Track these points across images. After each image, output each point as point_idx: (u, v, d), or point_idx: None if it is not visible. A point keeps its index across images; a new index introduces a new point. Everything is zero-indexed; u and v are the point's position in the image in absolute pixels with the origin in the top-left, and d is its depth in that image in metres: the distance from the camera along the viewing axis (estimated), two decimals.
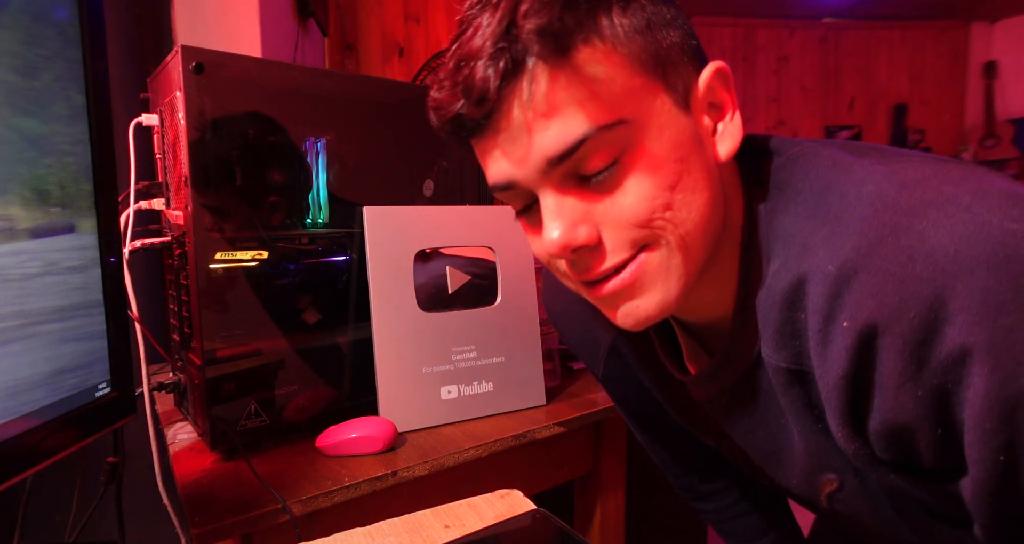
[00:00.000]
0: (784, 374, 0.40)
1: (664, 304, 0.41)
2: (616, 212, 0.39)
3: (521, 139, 0.38)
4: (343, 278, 0.76)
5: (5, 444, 0.41)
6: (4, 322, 0.42)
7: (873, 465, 0.39)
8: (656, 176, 0.38)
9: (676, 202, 0.38)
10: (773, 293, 0.40)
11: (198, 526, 0.54)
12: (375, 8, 2.10)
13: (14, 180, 0.43)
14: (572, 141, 0.37)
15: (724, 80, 0.42)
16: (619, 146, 0.38)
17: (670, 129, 0.39)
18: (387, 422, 0.69)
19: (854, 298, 0.34)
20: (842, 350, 0.34)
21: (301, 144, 0.73)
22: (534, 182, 0.39)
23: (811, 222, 0.38)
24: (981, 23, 3.87)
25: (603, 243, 0.40)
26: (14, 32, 0.43)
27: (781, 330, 0.39)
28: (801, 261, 0.37)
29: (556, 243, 0.39)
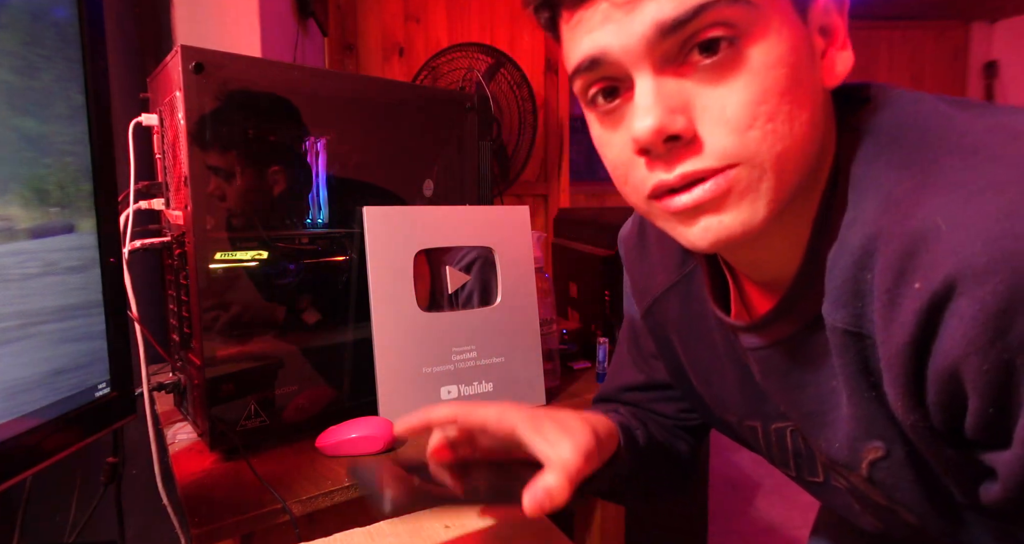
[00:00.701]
0: (841, 335, 0.38)
1: (749, 225, 0.37)
2: (719, 108, 0.35)
3: (633, 4, 0.34)
4: (343, 278, 0.76)
5: (5, 444, 0.41)
6: (4, 322, 0.42)
7: (930, 437, 0.36)
8: (768, 76, 0.34)
9: (782, 113, 0.35)
10: (844, 247, 0.37)
11: (198, 526, 0.54)
12: (375, 8, 2.10)
13: (14, 180, 0.43)
14: (689, 8, 0.33)
15: (840, 5, 0.38)
16: (737, 27, 0.34)
17: (790, 30, 0.35)
18: (387, 422, 0.69)
19: (931, 257, 0.31)
20: (910, 313, 0.32)
21: (301, 144, 0.73)
22: (634, 56, 0.35)
23: (898, 172, 0.35)
24: (981, 23, 3.87)
25: (699, 139, 0.35)
26: (14, 32, 0.43)
27: (844, 287, 0.37)
28: (881, 214, 0.35)
29: (650, 127, 0.34)
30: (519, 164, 1.72)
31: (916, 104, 0.38)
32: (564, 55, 0.40)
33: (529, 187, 2.23)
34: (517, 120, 1.66)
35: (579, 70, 0.37)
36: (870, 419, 0.40)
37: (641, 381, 0.62)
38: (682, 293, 0.54)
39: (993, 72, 3.83)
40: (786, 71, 0.35)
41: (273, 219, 0.71)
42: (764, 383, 0.48)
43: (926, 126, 0.36)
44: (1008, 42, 3.81)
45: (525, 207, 0.84)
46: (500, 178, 1.72)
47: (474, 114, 0.88)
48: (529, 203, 1.99)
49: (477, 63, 1.64)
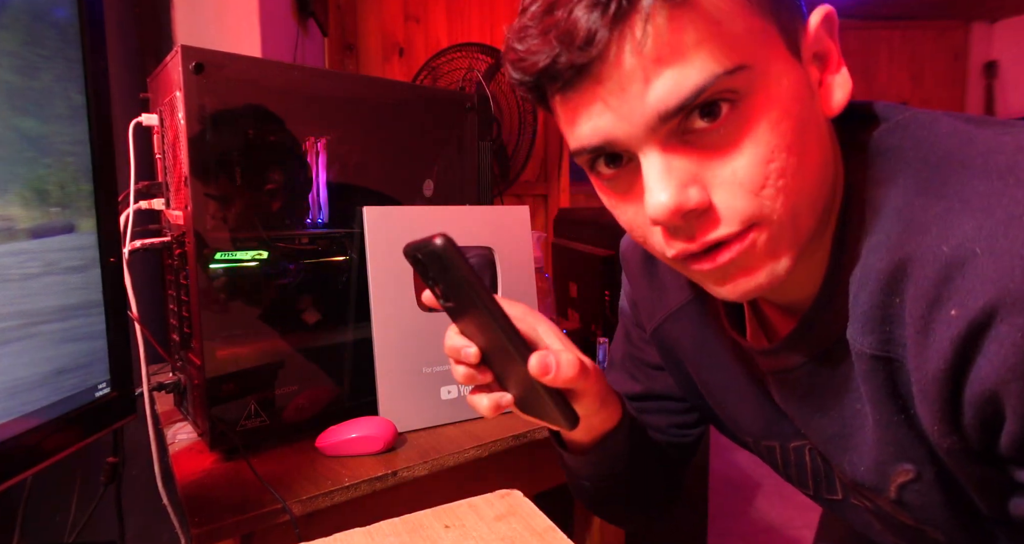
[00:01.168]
0: (869, 361, 0.37)
1: (775, 277, 0.37)
2: (730, 173, 0.35)
3: (631, 89, 0.33)
4: (343, 278, 0.76)
5: (5, 444, 0.41)
6: (4, 322, 0.42)
7: (964, 459, 0.36)
8: (773, 133, 0.34)
9: (791, 167, 0.35)
10: (869, 272, 0.36)
11: (198, 526, 0.54)
12: (375, 8, 2.10)
13: (14, 180, 0.43)
14: (692, 90, 0.33)
15: (830, 28, 0.38)
16: (738, 94, 0.34)
17: (787, 78, 0.35)
18: (387, 422, 0.69)
19: (968, 283, 0.31)
20: (946, 340, 0.32)
21: (301, 144, 0.73)
22: (638, 139, 0.35)
23: (923, 197, 0.34)
24: (981, 23, 3.87)
25: (714, 207, 0.35)
26: (14, 32, 0.43)
27: (872, 314, 0.36)
28: (907, 239, 0.34)
29: (666, 207, 0.34)
30: (519, 164, 1.72)
31: (934, 123, 0.38)
32: (560, 127, 0.39)
33: (529, 187, 2.23)
34: (517, 120, 1.66)
35: (584, 151, 0.37)
36: (899, 443, 0.40)
37: (637, 391, 0.61)
38: (694, 313, 0.53)
39: (993, 72, 3.83)
40: (791, 122, 0.35)
41: (273, 219, 0.71)
42: (784, 406, 0.47)
43: (949, 147, 0.36)
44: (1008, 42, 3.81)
45: (525, 207, 0.84)
46: (500, 178, 1.72)
47: (474, 114, 0.88)
48: (529, 203, 1.99)
49: (477, 63, 1.64)
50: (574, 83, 0.35)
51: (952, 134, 0.36)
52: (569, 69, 0.34)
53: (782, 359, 0.44)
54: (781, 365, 0.44)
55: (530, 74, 0.35)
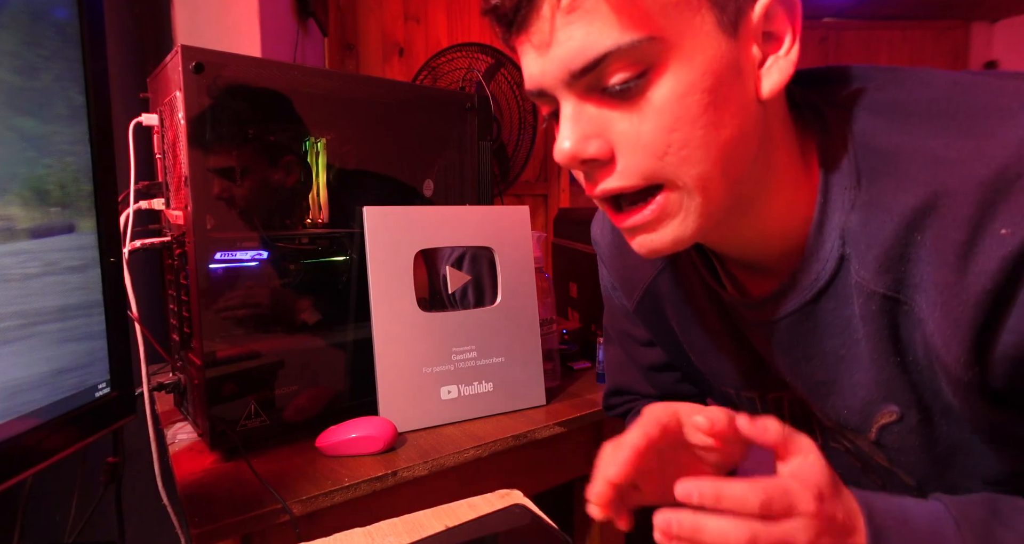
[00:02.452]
0: (879, 300, 0.38)
1: (678, 240, 0.40)
2: (632, 136, 0.37)
3: (548, 45, 0.37)
4: (343, 278, 0.76)
5: (5, 444, 0.41)
6: (4, 322, 0.42)
7: (978, 396, 0.36)
8: (677, 106, 0.36)
9: (695, 139, 0.37)
10: (887, 212, 0.37)
11: (198, 526, 0.54)
12: (375, 8, 2.10)
13: (14, 180, 0.43)
14: (595, 55, 0.35)
15: (788, 9, 0.39)
16: (645, 62, 0.36)
17: (705, 53, 0.36)
18: (387, 422, 0.69)
19: (1015, 204, 0.31)
20: (994, 260, 0.32)
21: (301, 144, 0.73)
22: (558, 89, 0.39)
23: (944, 138, 0.35)
24: (981, 23, 3.87)
25: (615, 161, 0.38)
26: (14, 32, 0.43)
27: (890, 253, 0.37)
28: (935, 175, 0.35)
29: (565, 152, 0.38)
30: (519, 164, 1.72)
31: (931, 78, 0.39)
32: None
33: (529, 187, 2.23)
34: (517, 120, 1.66)
35: (529, 94, 0.42)
36: (890, 384, 0.41)
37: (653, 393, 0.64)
38: (670, 277, 0.55)
39: None
40: (700, 97, 0.36)
41: (273, 219, 0.71)
42: (769, 356, 0.49)
43: (954, 94, 0.37)
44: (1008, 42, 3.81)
45: (525, 207, 0.84)
46: (500, 178, 1.72)
47: (474, 114, 0.88)
48: (529, 203, 1.99)
49: (477, 63, 1.64)
50: (515, 29, 0.39)
51: (954, 83, 0.38)
52: (504, 14, 0.38)
53: (769, 310, 0.46)
54: (768, 316, 0.46)
55: (485, 12, 0.39)
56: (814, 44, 3.88)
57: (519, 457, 0.76)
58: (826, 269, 0.42)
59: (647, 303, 0.58)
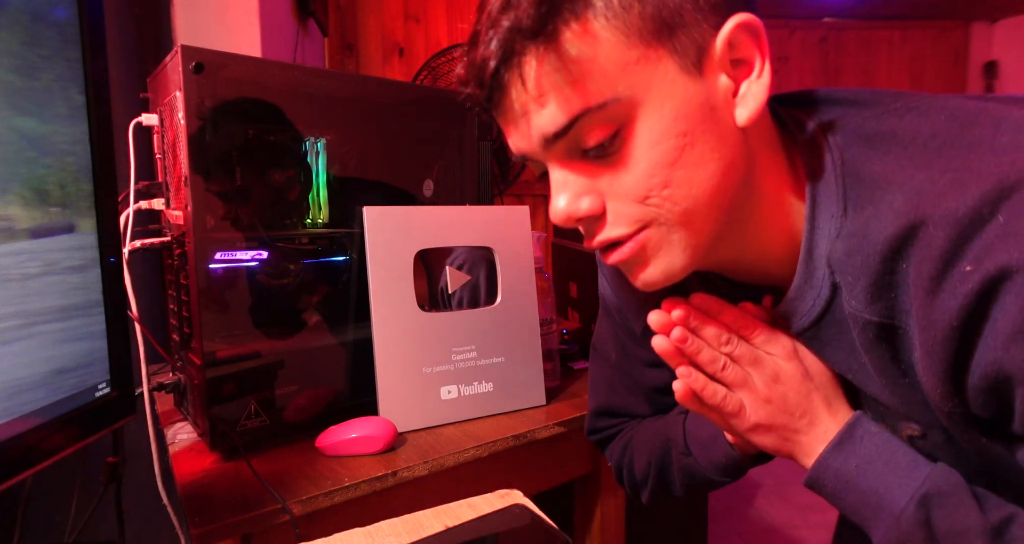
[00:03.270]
0: (873, 328, 0.39)
1: (669, 272, 0.42)
2: (617, 187, 0.40)
3: (522, 120, 0.40)
4: (343, 278, 0.76)
5: (5, 444, 0.41)
6: (4, 322, 0.42)
7: (965, 426, 0.37)
8: (654, 151, 0.38)
9: (676, 179, 0.39)
10: (870, 242, 0.37)
11: (198, 526, 0.54)
12: (375, 8, 2.10)
13: (14, 180, 0.43)
14: (564, 122, 0.38)
15: (752, 34, 0.39)
16: (615, 122, 0.38)
17: (672, 100, 0.38)
18: (387, 422, 0.69)
19: (985, 241, 0.32)
20: (959, 296, 0.32)
21: (301, 144, 0.73)
22: (540, 156, 0.41)
23: (928, 170, 0.36)
24: (981, 23, 3.87)
25: (607, 214, 0.41)
26: (14, 32, 0.43)
27: (878, 282, 0.37)
28: (916, 206, 0.35)
29: (560, 214, 0.41)
30: (519, 164, 1.72)
31: (929, 110, 0.39)
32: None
33: (529, 187, 2.23)
34: None
35: (518, 158, 0.45)
36: (906, 404, 0.41)
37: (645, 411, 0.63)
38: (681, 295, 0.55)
39: (993, 72, 3.83)
40: (672, 142, 0.38)
41: (273, 219, 0.71)
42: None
43: (947, 129, 0.38)
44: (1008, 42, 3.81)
45: (525, 207, 0.84)
46: (500, 178, 1.72)
47: (474, 114, 0.88)
48: (529, 203, 1.99)
49: None
50: (491, 106, 0.42)
51: (950, 118, 0.38)
52: (479, 101, 0.41)
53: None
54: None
55: (463, 96, 0.42)
56: (814, 44, 3.88)
57: (519, 457, 0.76)
58: (820, 297, 0.42)
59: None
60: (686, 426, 0.57)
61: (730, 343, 0.47)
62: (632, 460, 0.62)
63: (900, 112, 0.40)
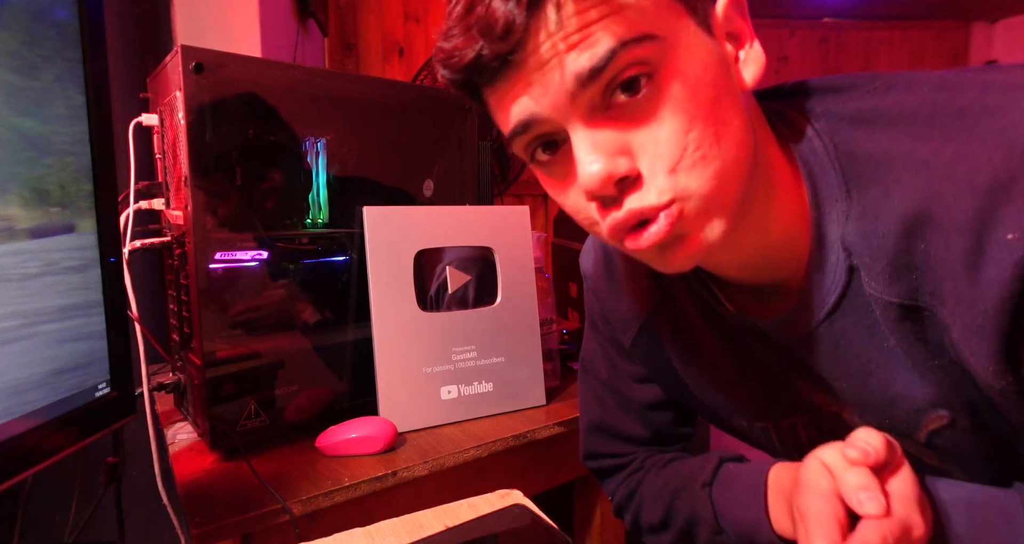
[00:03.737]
0: (896, 310, 0.37)
1: (712, 241, 0.38)
2: (653, 143, 0.36)
3: (548, 65, 0.35)
4: (343, 278, 0.76)
5: (5, 444, 0.41)
6: (4, 322, 0.42)
7: (1019, 402, 0.35)
8: (691, 103, 0.36)
9: (709, 135, 0.36)
10: (884, 222, 0.36)
11: (198, 526, 0.54)
12: (375, 8, 2.10)
13: (14, 180, 0.43)
14: (602, 55, 0.34)
15: (739, 8, 0.40)
16: (651, 64, 0.35)
17: (699, 50, 0.37)
18: (387, 422, 0.69)
19: (1017, 207, 0.30)
20: (1007, 267, 0.31)
21: (301, 144, 0.73)
22: (563, 111, 0.36)
23: (931, 142, 0.34)
24: (981, 23, 3.87)
25: (641, 176, 0.36)
26: (14, 32, 0.43)
27: (896, 263, 0.36)
28: (926, 182, 0.34)
29: (598, 175, 0.35)
30: (519, 164, 1.72)
31: (911, 85, 0.39)
32: (494, 119, 0.41)
33: (529, 187, 2.23)
34: None
35: (515, 133, 0.39)
36: (935, 389, 0.40)
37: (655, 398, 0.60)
38: (666, 312, 0.53)
39: None
40: (707, 91, 0.36)
41: (273, 219, 0.71)
42: (786, 377, 0.48)
43: (936, 100, 0.36)
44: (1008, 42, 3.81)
45: (525, 207, 0.84)
46: (500, 178, 1.72)
47: (474, 114, 0.88)
48: (529, 203, 2.00)
49: None
50: (500, 73, 0.36)
51: (937, 89, 0.37)
52: (494, 60, 0.35)
53: (789, 326, 0.44)
54: (790, 333, 0.45)
55: (458, 70, 0.37)
56: (814, 44, 3.88)
57: (519, 457, 0.76)
58: (836, 284, 0.40)
59: (644, 340, 0.56)
60: (715, 504, 0.53)
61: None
62: (640, 511, 0.59)
63: (880, 91, 0.39)
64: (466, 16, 0.36)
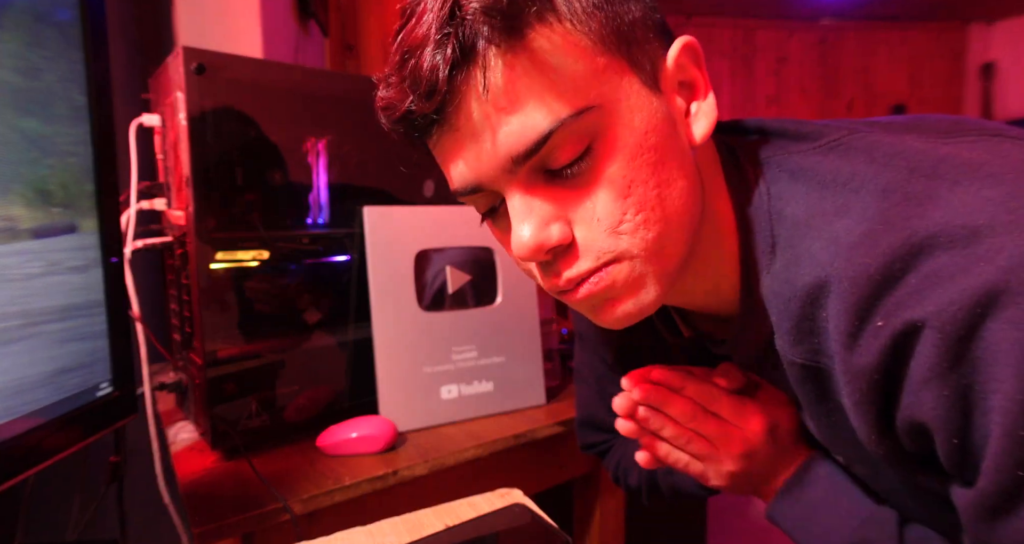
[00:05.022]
0: (799, 369, 0.39)
1: (644, 305, 0.39)
2: (589, 211, 0.36)
3: (481, 136, 0.34)
4: (343, 278, 0.77)
5: (7, 443, 0.42)
6: (6, 322, 0.42)
7: (900, 463, 0.37)
8: (628, 168, 0.35)
9: (649, 200, 0.36)
10: (791, 287, 0.37)
11: (199, 525, 0.54)
12: (375, 9, 2.10)
13: (17, 180, 0.43)
14: (537, 136, 0.34)
15: (694, 57, 0.38)
16: (589, 135, 0.34)
17: (641, 112, 0.36)
18: (387, 422, 0.69)
19: (896, 298, 0.32)
20: (874, 351, 0.32)
21: (301, 144, 0.73)
22: (499, 182, 0.36)
23: (844, 218, 0.35)
24: (979, 24, 3.88)
25: (575, 244, 0.37)
26: (17, 34, 0.43)
27: (799, 327, 0.37)
28: (832, 256, 0.35)
29: (528, 245, 0.35)
30: None
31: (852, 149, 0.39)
32: (443, 171, 0.41)
33: None
34: None
35: (459, 194, 0.39)
36: (833, 439, 0.43)
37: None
38: (642, 333, 0.55)
39: (991, 73, 3.83)
40: (648, 156, 0.35)
41: (274, 219, 0.71)
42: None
43: (866, 173, 0.36)
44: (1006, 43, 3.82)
45: None
46: None
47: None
48: None
49: None
50: (431, 131, 0.36)
51: (870, 162, 0.36)
52: (422, 117, 0.34)
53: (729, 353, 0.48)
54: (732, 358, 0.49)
55: (394, 122, 0.36)
56: (813, 45, 3.89)
57: (519, 457, 0.76)
58: (763, 334, 0.42)
59: (627, 357, 0.59)
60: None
61: (695, 418, 0.48)
62: (626, 475, 0.64)
63: (825, 149, 0.39)
64: (400, 67, 0.35)
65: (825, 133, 0.40)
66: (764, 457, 0.48)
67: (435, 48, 0.33)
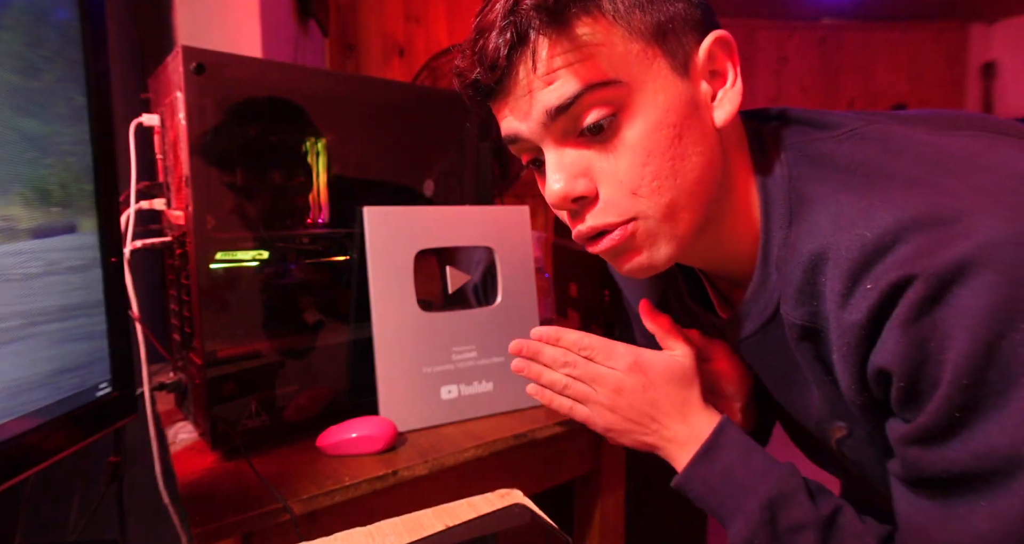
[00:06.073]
0: (798, 330, 0.44)
1: (656, 261, 0.46)
2: (611, 173, 0.43)
3: (526, 98, 0.43)
4: (343, 278, 0.76)
5: (6, 444, 0.42)
6: (5, 322, 0.42)
7: (874, 415, 0.41)
8: (648, 141, 0.42)
9: (664, 170, 0.42)
10: (799, 254, 0.42)
11: (199, 525, 0.54)
12: (375, 8, 2.10)
13: (16, 180, 0.43)
14: (569, 96, 0.42)
15: (726, 48, 0.45)
16: (614, 104, 0.42)
17: (665, 93, 0.42)
18: (387, 422, 0.69)
19: (885, 266, 0.36)
20: (863, 309, 0.37)
21: (301, 144, 0.73)
22: (537, 135, 0.45)
23: (850, 196, 0.40)
24: (980, 24, 3.88)
25: (600, 199, 0.44)
26: (16, 33, 0.43)
27: (802, 290, 0.43)
28: (835, 229, 0.40)
29: (557, 193, 0.44)
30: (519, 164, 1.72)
31: (865, 139, 0.44)
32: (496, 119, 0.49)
33: (529, 187, 2.23)
34: None
35: (507, 142, 0.48)
36: (833, 402, 0.47)
37: None
38: (673, 297, 0.62)
39: (991, 73, 3.84)
40: (667, 131, 0.42)
41: (274, 219, 0.71)
42: (752, 368, 0.56)
43: (879, 161, 0.42)
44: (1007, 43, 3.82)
45: (525, 207, 0.84)
46: (500, 178, 1.72)
47: (474, 114, 0.88)
48: (529, 203, 1.99)
49: None
50: (493, 94, 0.45)
51: (886, 148, 0.42)
52: (486, 85, 0.44)
53: (738, 329, 0.52)
54: (739, 334, 0.52)
55: (463, 86, 0.46)
56: (813, 44, 3.89)
57: (519, 457, 0.76)
58: (771, 302, 0.47)
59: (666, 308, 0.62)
60: None
61: (568, 365, 0.56)
62: None
63: (842, 138, 0.45)
64: (473, 42, 0.44)
65: (844, 123, 0.46)
66: (642, 399, 0.53)
67: (499, 33, 0.42)
